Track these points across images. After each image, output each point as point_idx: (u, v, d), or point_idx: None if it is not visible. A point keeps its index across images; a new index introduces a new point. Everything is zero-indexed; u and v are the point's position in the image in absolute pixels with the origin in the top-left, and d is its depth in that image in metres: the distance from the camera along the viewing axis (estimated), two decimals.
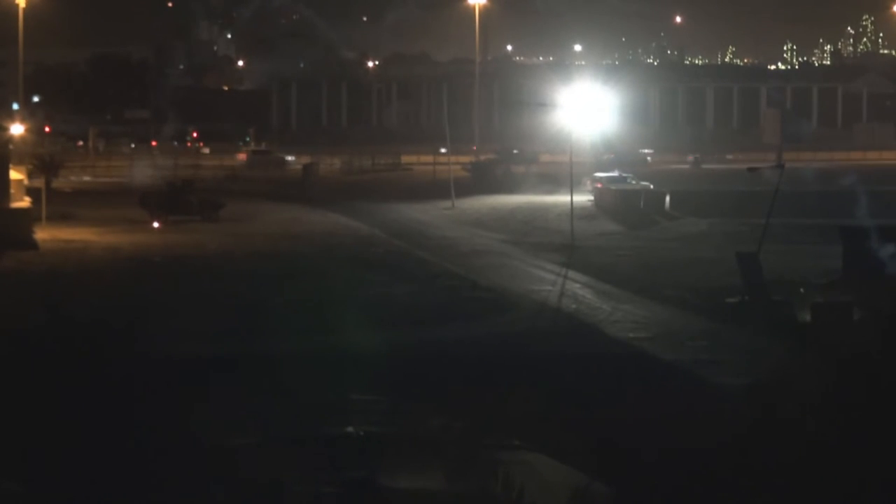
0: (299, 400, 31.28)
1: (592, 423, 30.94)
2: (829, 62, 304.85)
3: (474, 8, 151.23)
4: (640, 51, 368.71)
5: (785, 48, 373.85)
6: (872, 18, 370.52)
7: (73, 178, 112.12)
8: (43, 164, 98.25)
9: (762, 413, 23.49)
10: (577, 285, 58.55)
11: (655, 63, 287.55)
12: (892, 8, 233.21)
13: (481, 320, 48.11)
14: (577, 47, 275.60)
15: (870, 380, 22.11)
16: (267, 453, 26.30)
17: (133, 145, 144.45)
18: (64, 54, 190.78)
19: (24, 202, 78.54)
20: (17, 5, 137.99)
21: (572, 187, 79.36)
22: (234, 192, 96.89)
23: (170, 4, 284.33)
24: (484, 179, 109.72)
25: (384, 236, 76.81)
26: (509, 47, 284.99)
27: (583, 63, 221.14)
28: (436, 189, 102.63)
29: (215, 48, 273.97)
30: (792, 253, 62.24)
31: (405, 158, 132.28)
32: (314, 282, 56.90)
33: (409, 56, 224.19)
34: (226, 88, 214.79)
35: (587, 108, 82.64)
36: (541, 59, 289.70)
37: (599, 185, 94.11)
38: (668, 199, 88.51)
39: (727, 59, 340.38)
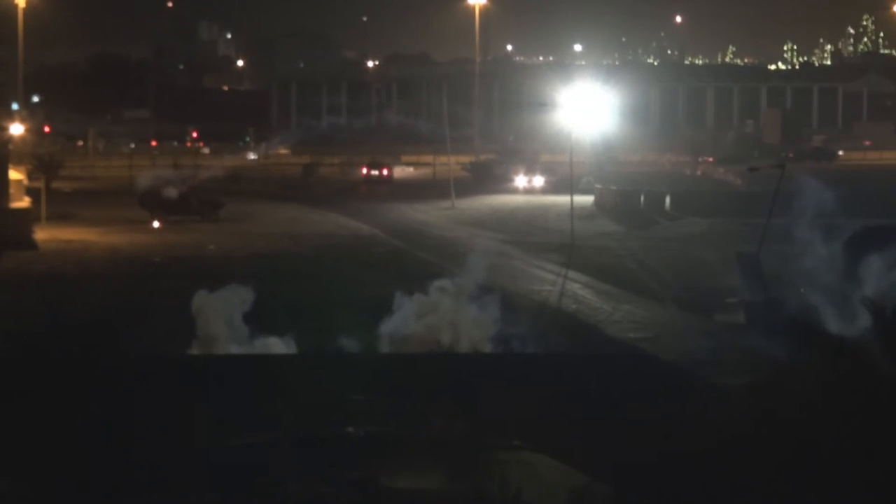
0: (299, 400, 31.23)
1: (592, 423, 30.89)
2: (829, 62, 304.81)
3: (474, 8, 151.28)
4: (640, 51, 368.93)
5: (785, 48, 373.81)
6: (872, 18, 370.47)
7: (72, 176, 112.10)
8: (42, 164, 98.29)
9: (762, 413, 23.47)
10: (578, 285, 58.52)
11: (655, 63, 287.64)
12: (892, 8, 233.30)
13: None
14: (577, 47, 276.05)
15: (870, 380, 22.09)
16: (266, 453, 26.26)
17: (133, 145, 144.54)
18: (64, 54, 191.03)
19: (24, 202, 78.55)
20: (16, 5, 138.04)
21: (572, 187, 79.36)
22: (234, 192, 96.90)
23: (170, 4, 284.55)
24: (484, 179, 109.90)
25: (384, 236, 76.80)
26: (509, 47, 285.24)
27: (583, 63, 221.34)
28: (436, 189, 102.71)
29: (216, 48, 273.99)
30: (792, 253, 62.13)
31: (405, 158, 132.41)
32: (314, 282, 56.87)
33: (409, 56, 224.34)
34: (226, 88, 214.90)
35: (587, 108, 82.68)
36: (541, 59, 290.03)
37: None
38: (668, 199, 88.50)
39: (727, 59, 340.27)
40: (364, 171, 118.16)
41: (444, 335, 42.15)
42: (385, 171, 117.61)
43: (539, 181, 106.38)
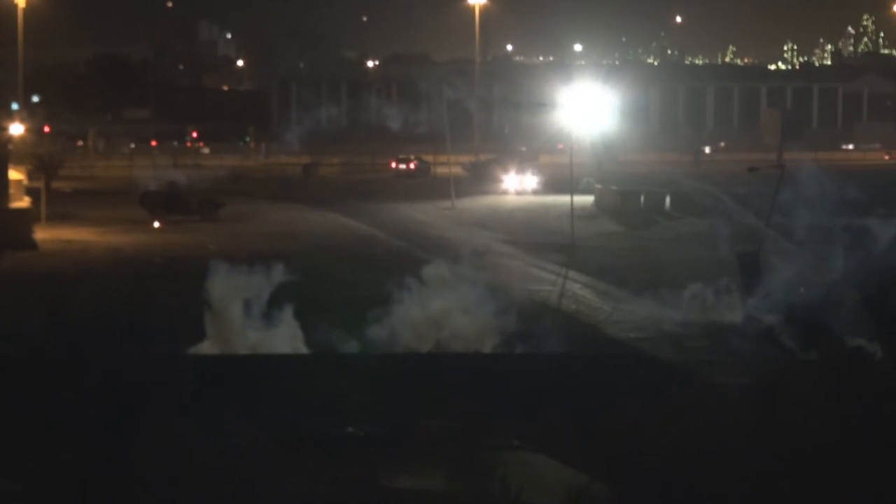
0: (299, 400, 31.25)
1: (592, 423, 30.90)
2: (829, 62, 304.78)
3: (474, 8, 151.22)
4: (640, 51, 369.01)
5: (785, 48, 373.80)
6: (873, 18, 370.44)
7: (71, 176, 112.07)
8: (42, 164, 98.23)
9: (762, 414, 23.47)
10: (578, 285, 58.52)
11: (655, 63, 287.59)
12: (892, 8, 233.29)
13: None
14: (577, 47, 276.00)
15: (870, 380, 22.08)
16: (266, 453, 26.26)
17: (133, 145, 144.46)
18: (64, 54, 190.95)
19: (24, 202, 78.54)
20: (16, 5, 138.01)
21: (572, 187, 79.33)
22: (235, 192, 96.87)
23: (169, 4, 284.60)
24: (483, 179, 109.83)
25: (384, 236, 76.80)
26: (509, 47, 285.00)
27: (583, 63, 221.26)
28: (435, 189, 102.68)
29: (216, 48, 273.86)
30: (793, 253, 62.12)
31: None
32: (313, 282, 56.81)
33: (409, 56, 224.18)
34: (226, 88, 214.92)
35: (587, 108, 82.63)
36: (541, 59, 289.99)
37: None
38: (668, 199, 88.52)
39: (727, 59, 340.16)
40: (393, 164, 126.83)
41: (443, 334, 42.19)
42: (412, 166, 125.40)
43: (532, 181, 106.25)
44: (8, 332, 28.49)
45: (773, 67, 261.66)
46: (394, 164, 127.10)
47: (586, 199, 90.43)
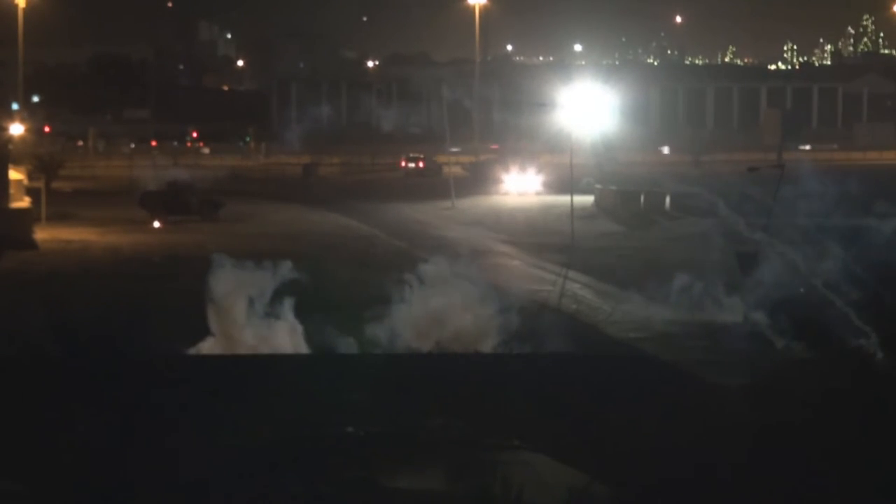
0: (299, 400, 31.26)
1: (592, 423, 30.90)
2: (829, 62, 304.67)
3: (474, 8, 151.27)
4: (640, 51, 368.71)
5: (785, 48, 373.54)
6: (873, 18, 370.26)
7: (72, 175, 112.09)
8: (42, 164, 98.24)
9: (761, 414, 23.50)
10: (578, 285, 58.50)
11: (655, 63, 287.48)
12: (892, 8, 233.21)
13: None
14: (577, 47, 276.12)
15: (870, 380, 22.11)
16: (267, 453, 26.28)
17: (133, 145, 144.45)
18: (64, 54, 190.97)
19: (24, 202, 78.53)
20: (16, 5, 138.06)
21: (572, 187, 79.32)
22: (234, 192, 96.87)
23: (170, 4, 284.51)
24: (483, 180, 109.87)
25: (384, 236, 76.80)
26: (509, 47, 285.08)
27: (583, 63, 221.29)
28: (435, 189, 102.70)
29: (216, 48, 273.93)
30: (793, 253, 62.05)
31: None
32: (314, 281, 56.80)
33: (409, 56, 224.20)
34: (226, 88, 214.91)
35: (587, 109, 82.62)
36: (541, 59, 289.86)
37: None
38: (668, 199, 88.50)
39: (727, 59, 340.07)
40: (403, 163, 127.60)
41: (444, 334, 42.19)
42: (421, 164, 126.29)
43: (535, 182, 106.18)
44: (9, 332, 28.53)
45: (773, 67, 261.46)
46: (403, 163, 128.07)
47: (586, 200, 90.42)
